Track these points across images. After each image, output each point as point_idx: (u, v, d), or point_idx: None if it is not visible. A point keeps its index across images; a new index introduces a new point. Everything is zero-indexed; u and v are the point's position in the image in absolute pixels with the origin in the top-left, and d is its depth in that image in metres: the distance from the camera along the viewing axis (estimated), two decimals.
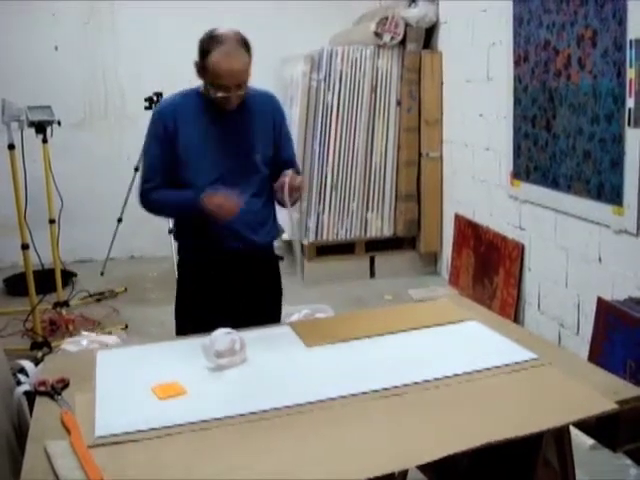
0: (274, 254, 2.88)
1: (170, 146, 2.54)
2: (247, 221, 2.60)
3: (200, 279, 2.69)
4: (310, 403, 1.83)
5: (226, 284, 2.66)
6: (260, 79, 2.69)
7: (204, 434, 1.69)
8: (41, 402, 1.89)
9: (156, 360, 2.17)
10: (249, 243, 2.64)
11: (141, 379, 2.00)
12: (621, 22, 3.35)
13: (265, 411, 1.79)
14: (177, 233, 2.83)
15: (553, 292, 4.20)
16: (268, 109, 2.72)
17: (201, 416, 1.76)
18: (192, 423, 1.73)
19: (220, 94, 2.47)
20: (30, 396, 2.25)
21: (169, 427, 1.71)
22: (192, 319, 2.65)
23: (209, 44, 2.47)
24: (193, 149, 2.55)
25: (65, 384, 1.96)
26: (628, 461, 2.91)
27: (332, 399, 1.85)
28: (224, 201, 2.42)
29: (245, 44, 2.49)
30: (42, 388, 1.94)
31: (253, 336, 2.28)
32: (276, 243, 2.94)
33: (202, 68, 2.49)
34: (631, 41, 3.28)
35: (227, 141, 2.59)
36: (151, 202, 2.60)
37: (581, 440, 2.74)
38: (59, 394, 1.90)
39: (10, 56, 6.25)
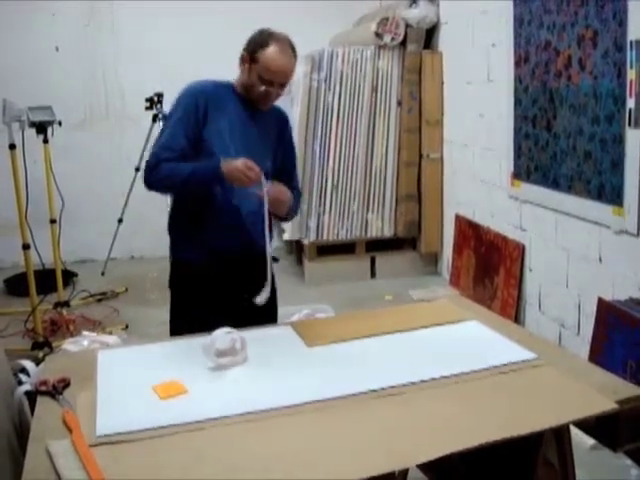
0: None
1: (196, 128, 2.54)
2: (249, 220, 2.60)
3: (196, 279, 2.66)
4: (310, 402, 1.84)
5: (223, 284, 2.65)
6: None
7: (205, 433, 1.69)
8: (42, 402, 1.89)
9: (157, 360, 2.17)
10: (247, 243, 2.63)
11: (142, 378, 2.00)
12: (621, 23, 3.35)
13: (266, 410, 1.79)
14: (172, 226, 2.77)
15: (554, 292, 4.21)
16: (283, 125, 2.81)
17: (202, 415, 1.76)
18: (193, 422, 1.73)
19: (264, 88, 2.53)
20: (31, 396, 2.25)
21: (170, 426, 1.71)
22: (188, 320, 2.63)
23: (267, 38, 2.54)
24: (219, 141, 2.55)
25: (66, 384, 1.96)
26: (629, 461, 2.91)
27: (332, 399, 1.86)
28: (247, 167, 2.39)
29: (294, 50, 2.60)
30: (43, 388, 1.94)
31: (254, 336, 2.28)
32: (275, 244, 2.94)
33: (252, 60, 2.53)
34: (631, 42, 3.29)
35: (250, 141, 2.62)
36: (162, 170, 2.50)
37: (581, 440, 2.74)
38: (60, 394, 1.91)
39: (11, 56, 6.26)
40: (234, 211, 2.60)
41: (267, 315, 2.67)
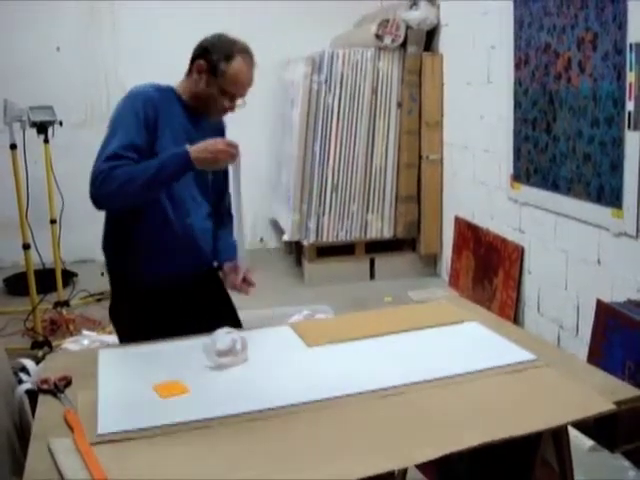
0: (215, 268, 2.68)
1: (148, 138, 2.30)
2: (202, 238, 2.52)
3: (146, 300, 2.46)
4: (311, 402, 1.84)
5: (175, 303, 2.47)
6: (260, 81, 2.66)
7: (206, 432, 1.70)
8: (44, 400, 1.90)
9: (158, 359, 2.18)
10: (199, 261, 2.54)
11: (143, 377, 2.01)
12: (621, 26, 3.36)
13: (266, 410, 1.80)
14: (112, 245, 2.54)
15: (552, 294, 4.22)
16: (222, 134, 2.63)
17: (203, 415, 1.77)
18: (194, 421, 1.74)
19: (226, 102, 2.41)
20: (31, 394, 2.26)
21: (171, 425, 1.72)
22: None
23: (233, 49, 2.38)
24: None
25: (67, 382, 1.97)
26: (627, 463, 2.92)
27: (332, 398, 1.87)
28: (229, 145, 2.24)
29: (254, 59, 2.46)
30: (45, 386, 1.95)
31: (254, 336, 2.29)
32: (276, 244, 2.93)
33: (213, 71, 2.37)
34: (631, 45, 3.30)
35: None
36: (117, 177, 2.17)
37: (580, 442, 2.76)
38: (62, 392, 1.91)
39: (12, 56, 6.27)
40: (187, 230, 2.44)
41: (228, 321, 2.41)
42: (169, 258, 2.43)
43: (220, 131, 2.62)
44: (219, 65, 2.36)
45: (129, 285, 2.50)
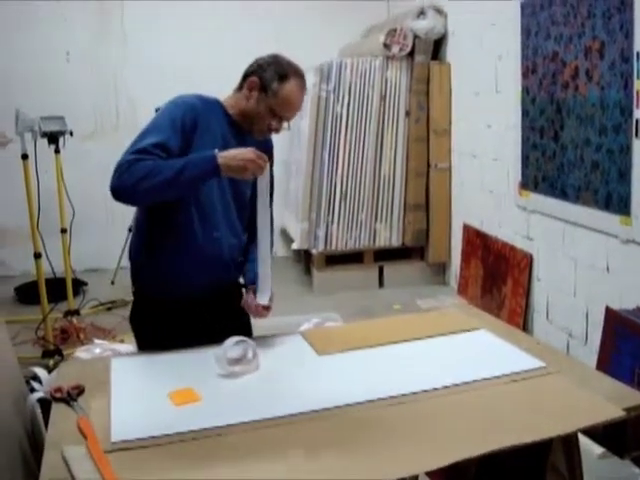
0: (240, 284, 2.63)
1: (183, 144, 2.25)
2: (230, 254, 2.45)
3: (166, 313, 2.43)
4: (322, 410, 1.86)
5: (194, 316, 2.43)
6: None
7: (218, 440, 1.71)
8: (57, 408, 1.92)
9: (169, 367, 2.19)
10: (224, 276, 2.49)
11: (155, 386, 2.03)
12: (628, 34, 3.37)
13: (278, 418, 1.81)
14: (140, 256, 2.47)
15: (561, 302, 4.22)
16: (268, 155, 2.44)
17: (215, 423, 1.78)
18: (206, 429, 1.75)
19: (274, 123, 2.36)
20: (43, 403, 2.28)
21: (184, 433, 1.73)
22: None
23: (288, 69, 2.35)
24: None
25: (80, 390, 1.99)
26: (637, 469, 2.92)
27: (343, 406, 1.88)
28: (258, 156, 2.16)
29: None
30: (58, 394, 1.96)
31: (265, 344, 2.31)
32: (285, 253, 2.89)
33: (265, 89, 2.32)
34: (638, 53, 3.31)
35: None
36: (138, 169, 2.14)
37: (590, 449, 2.75)
38: (75, 400, 1.93)
39: (22, 67, 6.32)
40: (214, 244, 2.39)
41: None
42: (193, 270, 2.37)
43: (266, 153, 2.48)
44: (272, 84, 2.31)
45: (151, 294, 2.48)
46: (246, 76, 2.39)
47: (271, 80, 2.31)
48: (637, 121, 3.36)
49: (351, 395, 1.92)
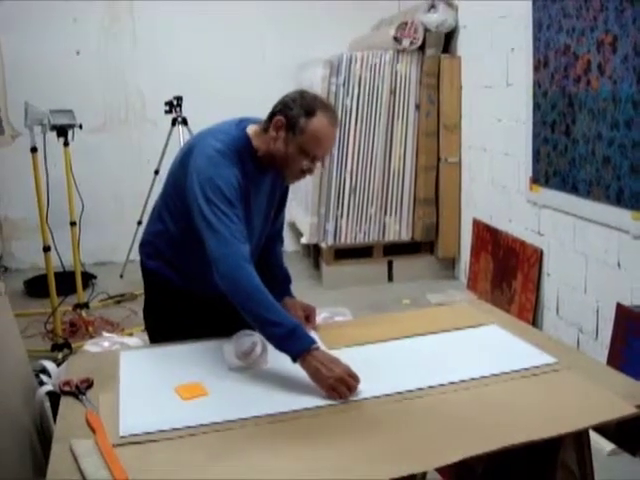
0: None
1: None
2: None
3: (177, 296, 2.43)
4: (331, 405, 1.86)
5: (213, 312, 2.39)
6: (279, 84, 2.66)
7: (226, 434, 1.71)
8: (66, 402, 1.92)
9: (178, 361, 2.19)
10: None
11: (164, 379, 2.02)
12: None
13: (286, 413, 1.81)
14: (156, 252, 2.46)
15: (572, 297, 4.20)
16: (286, 186, 2.54)
17: (223, 417, 1.78)
18: (215, 423, 1.75)
19: (306, 164, 2.23)
20: (52, 397, 2.28)
21: (192, 427, 1.73)
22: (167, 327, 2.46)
23: (314, 104, 2.20)
24: (246, 214, 2.23)
25: (89, 384, 1.98)
26: None
27: (353, 401, 1.88)
28: (351, 376, 1.93)
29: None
30: (67, 388, 1.96)
31: None
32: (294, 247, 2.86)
33: (292, 128, 2.18)
34: None
35: (263, 207, 2.41)
36: (246, 279, 2.04)
37: (600, 446, 2.75)
38: (84, 394, 1.93)
39: (32, 60, 6.32)
40: None
41: None
42: (209, 280, 2.16)
43: (281, 189, 2.51)
44: (299, 121, 2.17)
45: (165, 289, 2.47)
46: (272, 116, 2.25)
47: (298, 117, 2.17)
48: None
49: (360, 390, 1.92)
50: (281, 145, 2.21)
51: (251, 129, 2.30)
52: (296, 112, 2.18)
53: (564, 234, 4.24)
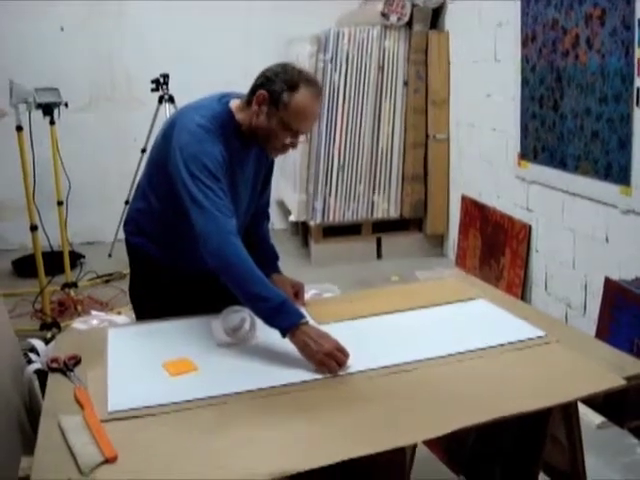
0: None
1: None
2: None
3: (170, 284, 2.42)
4: (320, 379, 1.86)
5: (200, 289, 2.39)
6: (266, 59, 2.61)
7: (214, 409, 1.71)
8: (54, 378, 1.91)
9: (167, 337, 2.18)
10: None
11: (152, 356, 2.02)
12: (630, 1, 3.33)
13: (275, 387, 1.81)
14: (140, 229, 2.46)
15: (560, 273, 4.21)
16: (270, 164, 2.54)
17: (211, 392, 1.78)
18: (202, 399, 1.75)
19: (288, 139, 2.21)
20: (41, 374, 2.27)
21: (180, 403, 1.73)
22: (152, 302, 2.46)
23: (299, 78, 2.15)
24: (231, 190, 2.21)
25: (77, 361, 1.98)
26: (635, 440, 2.93)
27: (342, 375, 1.88)
28: (339, 350, 1.94)
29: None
30: (54, 365, 1.96)
31: None
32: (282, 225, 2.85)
33: (275, 102, 2.14)
34: (639, 20, 3.27)
35: (249, 182, 2.39)
36: (234, 253, 2.03)
37: (589, 419, 2.77)
38: (71, 370, 1.92)
39: (16, 38, 6.24)
40: None
41: None
42: (194, 256, 2.17)
43: (266, 164, 2.50)
44: (282, 96, 2.13)
45: (149, 265, 2.46)
46: (254, 90, 2.21)
47: (281, 91, 2.13)
48: (638, 90, 3.33)
49: (349, 364, 1.92)
50: (264, 119, 2.18)
51: (234, 103, 2.28)
52: (279, 86, 2.14)
53: (552, 210, 4.24)
